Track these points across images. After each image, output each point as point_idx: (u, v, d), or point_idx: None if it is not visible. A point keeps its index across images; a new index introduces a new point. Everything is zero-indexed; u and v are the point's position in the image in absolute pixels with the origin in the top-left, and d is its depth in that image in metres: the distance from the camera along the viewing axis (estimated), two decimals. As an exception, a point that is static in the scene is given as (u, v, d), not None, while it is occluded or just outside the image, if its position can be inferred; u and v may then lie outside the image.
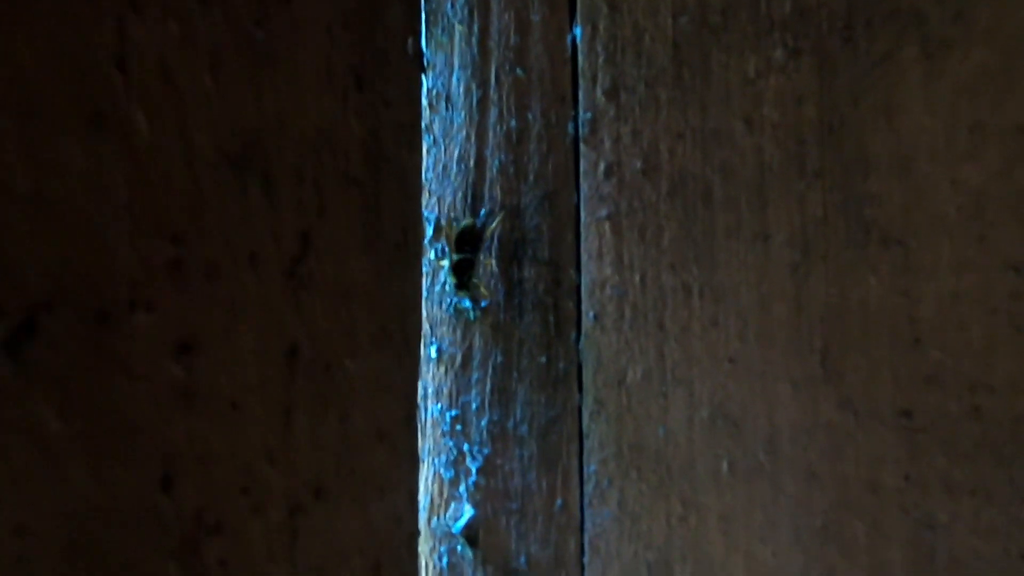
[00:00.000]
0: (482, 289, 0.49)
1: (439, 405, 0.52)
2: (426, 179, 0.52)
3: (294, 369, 0.35)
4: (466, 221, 0.49)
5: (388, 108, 0.45)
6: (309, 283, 0.36)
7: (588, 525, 0.47)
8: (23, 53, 0.22)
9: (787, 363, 0.40)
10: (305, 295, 0.36)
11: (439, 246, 0.52)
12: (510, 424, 0.50)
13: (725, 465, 0.42)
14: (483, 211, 0.50)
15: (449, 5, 0.52)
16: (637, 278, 0.45)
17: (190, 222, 0.28)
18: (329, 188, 0.38)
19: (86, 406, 0.24)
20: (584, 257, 0.48)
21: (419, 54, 0.50)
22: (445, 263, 0.52)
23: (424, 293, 0.53)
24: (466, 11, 0.52)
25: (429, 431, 0.53)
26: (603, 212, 0.46)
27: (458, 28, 0.52)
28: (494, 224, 0.49)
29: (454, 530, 0.51)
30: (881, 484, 0.38)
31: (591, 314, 0.47)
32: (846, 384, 0.39)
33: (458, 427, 0.52)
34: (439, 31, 0.52)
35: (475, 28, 0.52)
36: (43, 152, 0.22)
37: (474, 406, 0.51)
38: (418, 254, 0.49)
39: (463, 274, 0.49)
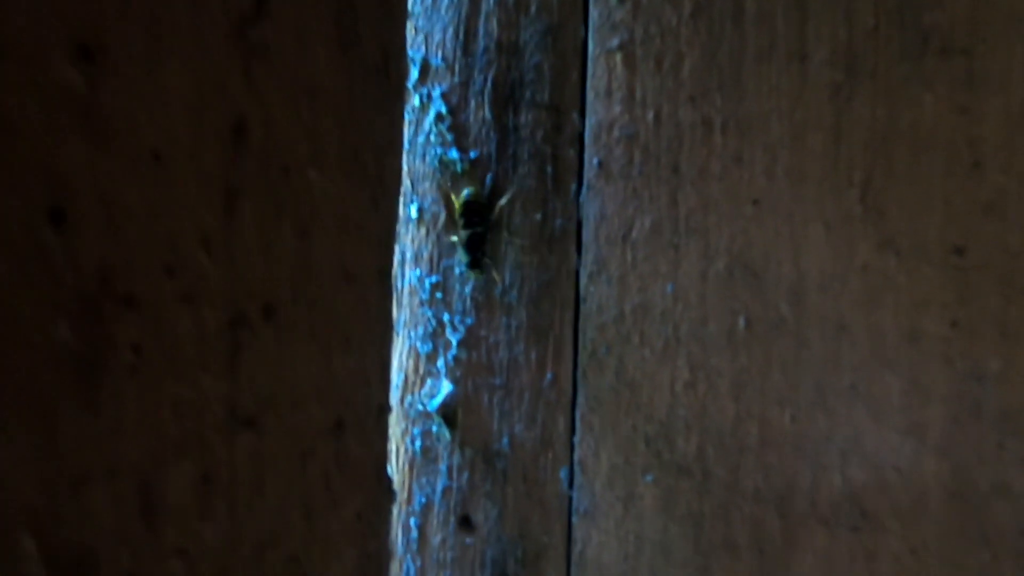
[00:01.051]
0: (494, 273, 0.43)
1: (418, 271, 0.46)
2: (412, 13, 0.46)
3: (241, 150, 0.28)
4: (469, 191, 0.42)
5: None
6: (262, 54, 0.30)
7: (580, 400, 0.42)
8: None
9: (820, 201, 0.35)
10: (257, 67, 0.29)
11: (424, 91, 0.46)
12: (497, 291, 0.45)
13: (742, 322, 0.37)
14: (477, 61, 0.44)
15: None
16: (650, 116, 0.40)
17: None
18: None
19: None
20: (590, 96, 0.42)
21: None
22: (431, 111, 0.46)
23: (405, 145, 0.47)
24: None
25: (405, 300, 0.47)
26: (614, 42, 0.41)
27: None
28: (504, 201, 0.43)
29: (429, 408, 0.46)
30: (922, 333, 0.33)
31: (595, 161, 0.42)
32: (888, 221, 0.34)
33: (438, 295, 0.46)
34: None
35: None
36: None
37: (457, 271, 0.45)
38: (400, 90, 0.42)
39: (476, 250, 0.43)
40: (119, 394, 0.23)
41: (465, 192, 0.44)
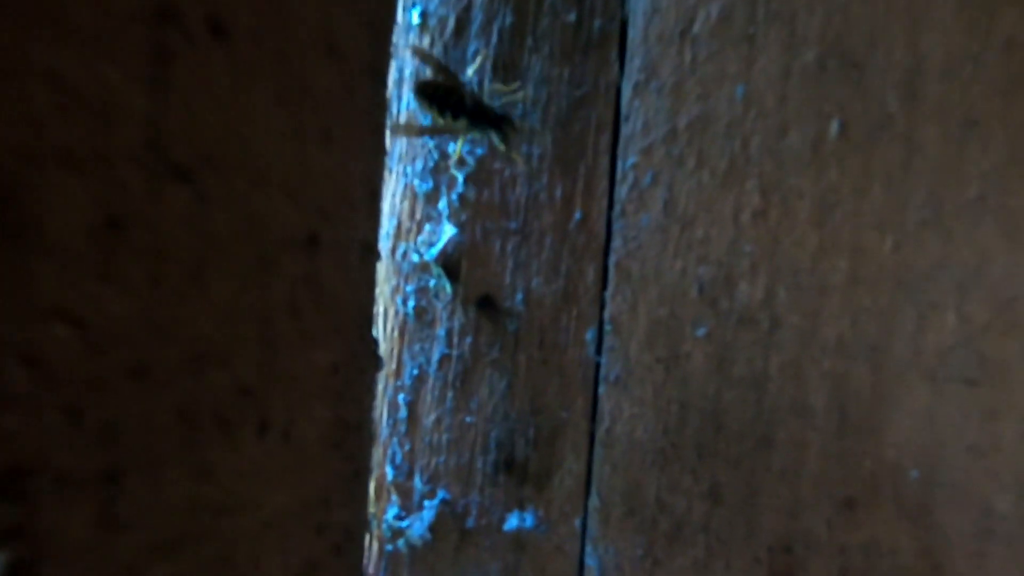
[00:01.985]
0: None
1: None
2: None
3: None
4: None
5: None
6: None
7: (617, 243, 0.34)
8: None
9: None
10: None
11: None
12: (517, 110, 0.36)
13: (835, 126, 0.29)
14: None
15: None
16: None
17: None
18: None
19: None
20: None
21: None
22: None
23: (408, -67, 0.38)
24: None
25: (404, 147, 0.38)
26: None
27: None
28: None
29: (427, 257, 0.37)
30: (1083, 121, 0.25)
31: (649, -61, 0.33)
32: (1045, -23, 0.26)
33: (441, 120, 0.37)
34: None
35: None
36: None
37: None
38: None
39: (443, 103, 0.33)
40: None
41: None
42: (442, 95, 0.34)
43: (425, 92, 0.35)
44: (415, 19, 0.38)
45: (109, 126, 0.19)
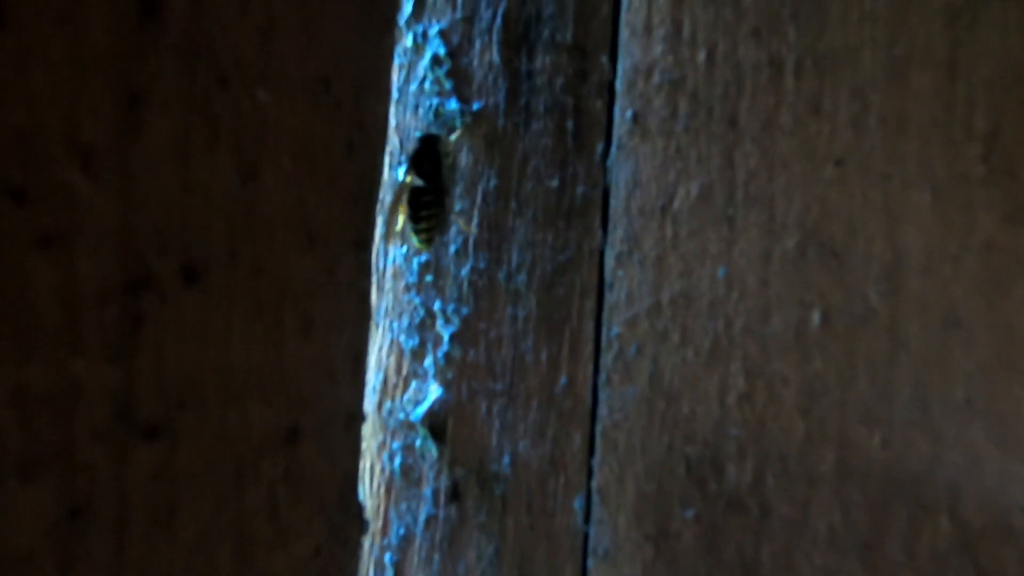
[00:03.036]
0: (431, 241, 0.35)
1: (404, 248, 0.38)
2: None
3: (151, 34, 0.20)
4: (419, 132, 0.34)
5: None
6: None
7: (603, 411, 0.34)
8: None
9: (927, 158, 0.27)
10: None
11: (420, 29, 0.38)
12: (501, 274, 0.36)
13: (816, 316, 0.29)
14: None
15: None
16: (702, 56, 0.32)
17: None
18: None
19: None
20: (624, 35, 0.34)
21: None
22: (427, 53, 0.38)
23: (394, 95, 0.38)
24: None
25: (388, 284, 0.38)
26: (657, -34, 0.33)
27: None
28: (455, 136, 0.35)
29: (412, 417, 0.37)
30: (1068, 332, 0.25)
31: (629, 114, 0.33)
32: (1021, 185, 0.26)
33: (428, 278, 0.37)
34: None
35: None
36: None
37: (452, 249, 0.37)
38: (389, 19, 0.34)
39: (419, 207, 0.35)
40: None
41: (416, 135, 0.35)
42: (426, 203, 0.35)
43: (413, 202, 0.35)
44: (401, 175, 0.38)
45: (73, 418, 0.19)
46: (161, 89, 0.20)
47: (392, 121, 0.38)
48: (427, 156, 0.36)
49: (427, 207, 0.35)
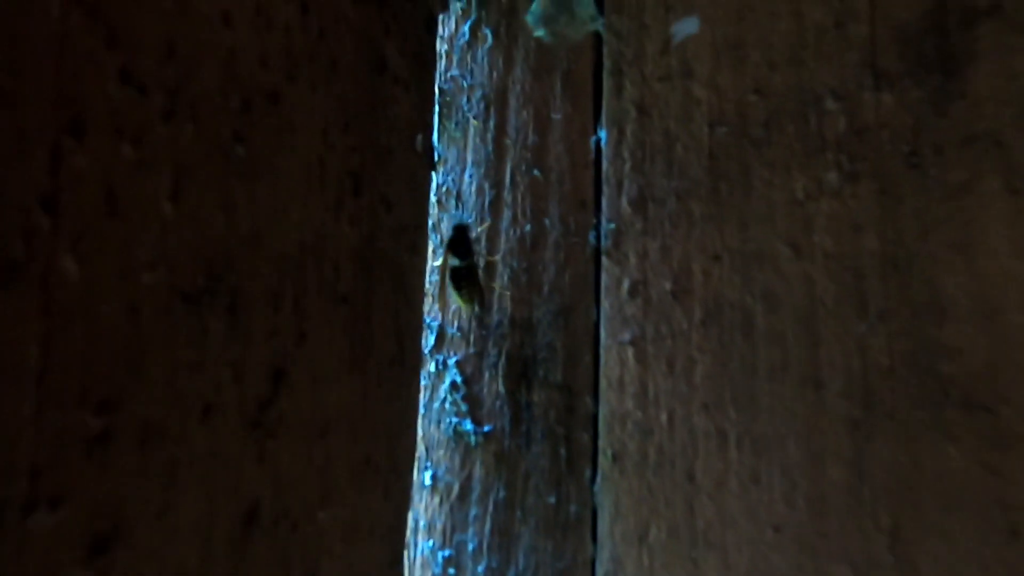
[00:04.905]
0: (475, 303, 0.45)
1: (431, 542, 0.45)
2: (429, 283, 0.47)
3: (250, 536, 0.29)
4: (455, 220, 0.46)
5: (389, 211, 0.41)
6: (278, 429, 0.30)
7: None
8: None
9: (846, 540, 0.33)
10: (272, 444, 0.30)
11: (440, 358, 0.47)
12: (511, 574, 0.43)
13: (769, 658, 0.35)
14: (493, 324, 0.45)
15: (464, 99, 0.49)
16: (664, 416, 0.39)
17: (125, 382, 0.23)
18: (312, 309, 0.33)
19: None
20: (603, 384, 0.42)
21: (429, 150, 0.46)
22: (447, 378, 0.46)
23: (421, 410, 0.47)
24: (482, 106, 0.48)
25: (418, 572, 0.46)
26: (626, 336, 0.41)
27: (473, 123, 0.48)
28: (481, 228, 0.45)
29: None
30: None
31: (609, 452, 0.41)
32: None
33: (451, 571, 0.45)
34: (453, 125, 0.49)
35: (491, 124, 0.48)
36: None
37: (470, 547, 0.44)
38: (416, 367, 0.43)
39: (460, 279, 0.45)
40: None
41: None
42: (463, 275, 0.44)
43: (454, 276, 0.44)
44: (427, 480, 0.46)
45: None
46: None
47: (419, 431, 0.47)
48: (460, 242, 0.45)
49: (465, 278, 0.44)
